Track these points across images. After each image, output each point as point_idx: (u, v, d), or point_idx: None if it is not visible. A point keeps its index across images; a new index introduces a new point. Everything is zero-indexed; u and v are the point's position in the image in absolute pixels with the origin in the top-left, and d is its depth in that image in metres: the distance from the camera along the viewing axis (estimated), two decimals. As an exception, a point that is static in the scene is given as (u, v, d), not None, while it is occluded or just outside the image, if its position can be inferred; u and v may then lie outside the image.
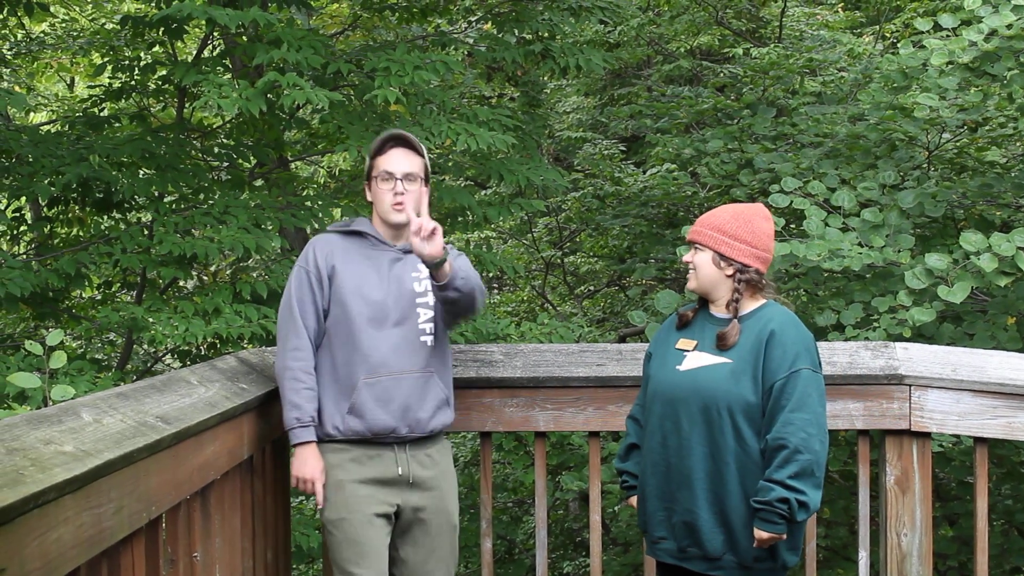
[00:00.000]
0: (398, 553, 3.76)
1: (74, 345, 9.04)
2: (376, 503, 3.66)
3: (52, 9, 9.25)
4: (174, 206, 6.54)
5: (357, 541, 3.62)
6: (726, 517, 3.36)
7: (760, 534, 3.31)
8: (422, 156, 3.78)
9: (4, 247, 7.93)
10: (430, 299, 3.72)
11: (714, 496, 3.36)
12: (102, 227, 6.82)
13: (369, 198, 3.80)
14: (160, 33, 6.67)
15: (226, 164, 7.53)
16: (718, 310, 3.51)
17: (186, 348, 7.21)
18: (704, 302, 3.56)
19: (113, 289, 7.96)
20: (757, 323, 3.42)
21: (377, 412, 3.63)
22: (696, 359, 3.44)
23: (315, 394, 3.65)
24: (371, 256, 3.74)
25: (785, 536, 3.32)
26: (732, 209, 3.54)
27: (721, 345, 3.41)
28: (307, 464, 3.63)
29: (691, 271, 3.51)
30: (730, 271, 3.45)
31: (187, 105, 7.42)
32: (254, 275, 7.51)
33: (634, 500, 3.65)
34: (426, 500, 3.74)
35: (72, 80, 12.84)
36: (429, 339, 3.73)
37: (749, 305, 3.48)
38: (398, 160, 3.73)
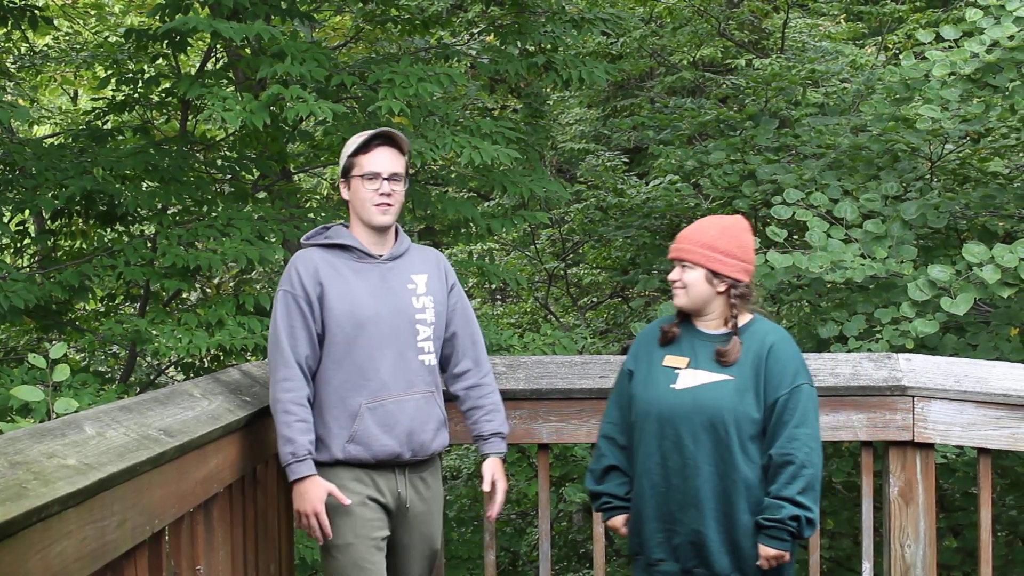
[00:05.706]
0: None
1: (77, 358, 9.04)
2: (379, 527, 3.57)
3: (56, 22, 9.28)
4: (177, 218, 6.56)
5: (363, 567, 3.53)
6: (734, 536, 3.34)
7: (767, 551, 3.30)
8: (405, 155, 3.65)
9: (8, 260, 7.93)
10: (428, 316, 3.60)
11: (723, 515, 3.34)
12: (105, 240, 6.84)
13: (345, 196, 3.63)
14: (164, 46, 6.69)
15: (229, 176, 7.55)
16: (707, 326, 3.46)
17: (189, 360, 7.21)
18: (686, 317, 3.50)
19: (116, 301, 7.97)
20: (753, 338, 3.40)
21: (382, 438, 3.51)
22: (693, 377, 3.39)
23: (308, 425, 3.47)
24: (359, 271, 3.56)
25: (790, 554, 3.32)
26: (719, 224, 3.47)
27: (723, 362, 3.37)
28: (306, 498, 3.45)
29: (679, 289, 3.42)
30: (723, 287, 3.40)
31: (190, 118, 7.43)
32: (257, 287, 7.53)
33: (619, 521, 3.58)
34: (413, 529, 3.67)
35: (76, 93, 12.88)
36: (428, 358, 3.60)
37: (741, 319, 3.45)
38: (384, 159, 3.57)
